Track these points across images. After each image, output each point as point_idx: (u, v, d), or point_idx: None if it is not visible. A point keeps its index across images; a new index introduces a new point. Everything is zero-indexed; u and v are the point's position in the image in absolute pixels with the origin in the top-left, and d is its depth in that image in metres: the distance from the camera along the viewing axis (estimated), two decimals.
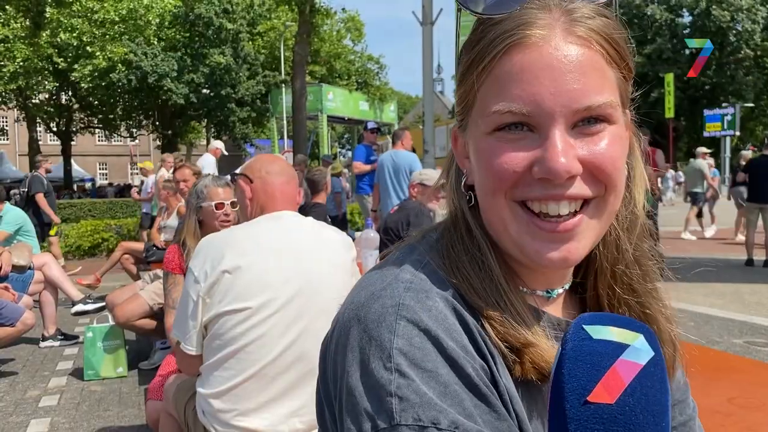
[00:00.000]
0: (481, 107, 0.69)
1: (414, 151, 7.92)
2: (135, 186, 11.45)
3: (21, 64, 22.24)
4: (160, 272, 4.34)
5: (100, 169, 53.71)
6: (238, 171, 2.39)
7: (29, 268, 5.42)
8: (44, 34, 22.70)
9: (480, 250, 0.73)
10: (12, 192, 14.97)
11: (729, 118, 34.15)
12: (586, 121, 0.66)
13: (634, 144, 0.77)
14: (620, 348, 0.51)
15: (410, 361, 0.60)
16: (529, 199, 0.67)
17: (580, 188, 0.67)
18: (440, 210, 4.67)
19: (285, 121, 26.82)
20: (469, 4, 0.69)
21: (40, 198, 9.39)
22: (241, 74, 28.59)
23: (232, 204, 3.17)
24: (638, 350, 0.52)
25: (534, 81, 0.64)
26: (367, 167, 9.04)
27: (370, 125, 9.69)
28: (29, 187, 9.58)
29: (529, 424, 0.67)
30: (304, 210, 5.05)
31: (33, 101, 28.11)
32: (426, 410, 0.58)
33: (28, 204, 9.49)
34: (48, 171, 10.19)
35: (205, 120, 32.61)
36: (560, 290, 0.79)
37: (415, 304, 0.65)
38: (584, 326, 0.54)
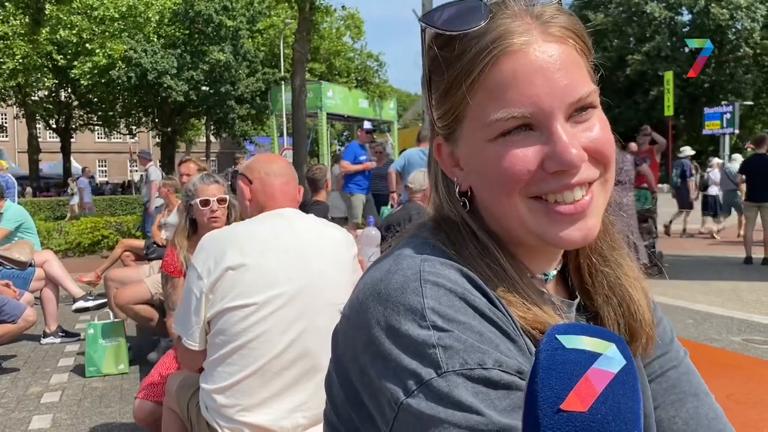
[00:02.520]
0: (477, 118, 0.72)
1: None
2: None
3: (20, 61, 22.19)
4: None
5: (99, 166, 53.69)
6: (239, 170, 2.40)
7: (30, 264, 5.43)
8: (44, 31, 22.64)
9: (487, 250, 0.75)
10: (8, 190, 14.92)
11: (728, 116, 34.11)
12: (577, 111, 0.71)
13: None
14: (593, 357, 0.52)
15: (444, 317, 0.64)
16: (545, 193, 0.71)
17: (588, 172, 0.71)
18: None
19: (284, 119, 26.79)
20: (434, 22, 0.72)
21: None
22: (240, 71, 28.60)
23: (220, 200, 3.17)
24: (610, 359, 0.52)
25: (529, 84, 0.68)
26: (354, 168, 9.18)
27: (366, 125, 9.91)
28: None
29: None
30: (304, 208, 5.06)
31: (32, 98, 28.10)
32: (471, 354, 0.61)
33: None
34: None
35: (205, 117, 32.63)
36: (554, 272, 0.83)
37: (435, 270, 0.68)
38: (557, 336, 0.54)
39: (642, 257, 6.38)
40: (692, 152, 14.29)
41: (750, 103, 40.36)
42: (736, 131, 34.10)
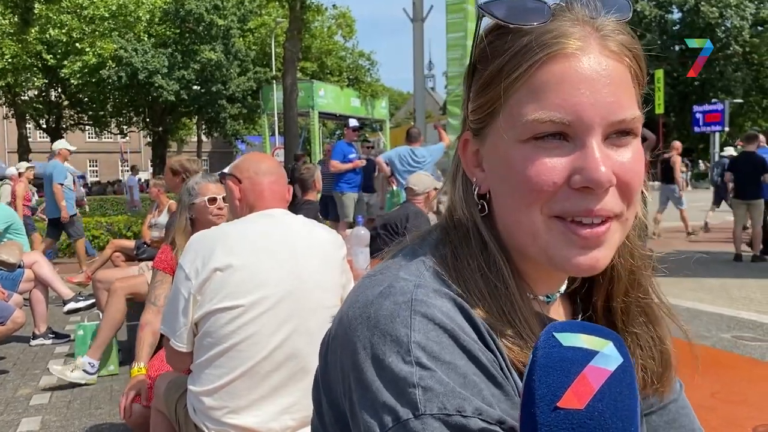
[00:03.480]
0: (513, 115, 0.69)
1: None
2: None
3: (9, 60, 22.07)
4: None
5: (90, 166, 53.44)
6: (226, 170, 2.39)
7: (19, 266, 5.40)
8: (33, 31, 22.52)
9: (495, 265, 0.73)
10: None
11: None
12: (617, 134, 0.68)
13: None
14: (590, 355, 0.52)
15: (429, 354, 0.61)
16: (566, 213, 0.68)
17: (612, 204, 0.68)
18: (431, 214, 4.72)
19: (276, 118, 26.72)
20: (494, 12, 0.69)
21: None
22: (231, 71, 28.53)
23: (224, 198, 3.18)
24: (607, 357, 0.52)
25: (574, 91, 0.66)
26: (344, 166, 9.28)
27: (352, 123, 10.05)
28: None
29: None
30: (294, 208, 5.06)
31: (22, 98, 27.92)
32: (450, 399, 0.59)
33: None
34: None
35: (196, 117, 32.52)
36: (557, 294, 0.81)
37: (427, 299, 0.66)
38: (555, 334, 0.54)
39: None
40: (734, 152, 14.37)
41: (740, 100, 40.60)
42: (726, 129, 34.30)
